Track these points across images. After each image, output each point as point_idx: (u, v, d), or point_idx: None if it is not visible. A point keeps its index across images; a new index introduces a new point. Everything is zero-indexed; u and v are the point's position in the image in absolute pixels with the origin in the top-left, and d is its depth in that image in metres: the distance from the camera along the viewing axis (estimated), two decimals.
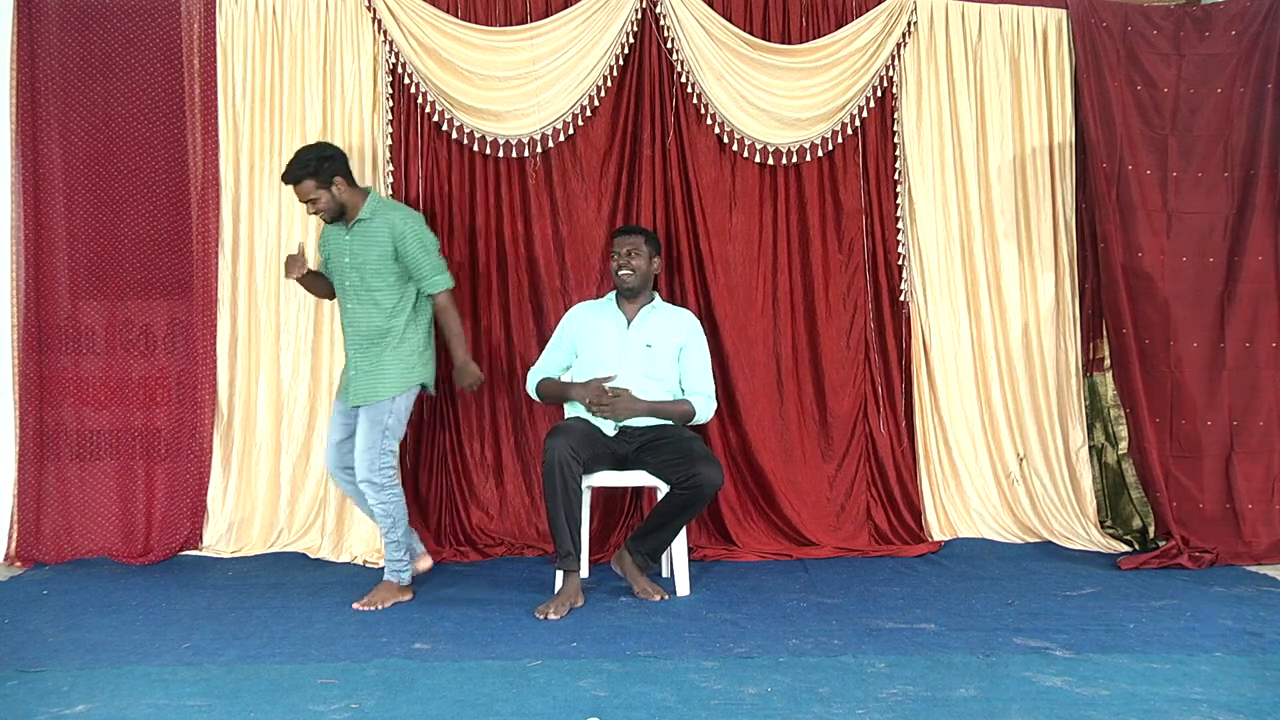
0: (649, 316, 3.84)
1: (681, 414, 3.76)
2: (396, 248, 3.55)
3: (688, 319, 3.90)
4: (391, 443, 3.58)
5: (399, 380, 3.58)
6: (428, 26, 4.17)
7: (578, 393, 3.72)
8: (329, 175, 3.52)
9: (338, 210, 3.57)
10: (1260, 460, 4.36)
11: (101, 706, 2.58)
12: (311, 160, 3.51)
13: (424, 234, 3.61)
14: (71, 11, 4.14)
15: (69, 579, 3.88)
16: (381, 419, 3.55)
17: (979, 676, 2.78)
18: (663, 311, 3.88)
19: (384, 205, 3.64)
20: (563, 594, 3.45)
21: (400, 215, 3.59)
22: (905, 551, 4.27)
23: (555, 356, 3.91)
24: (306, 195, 3.53)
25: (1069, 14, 4.49)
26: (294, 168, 3.52)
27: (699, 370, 3.84)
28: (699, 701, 2.58)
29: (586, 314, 3.91)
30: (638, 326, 3.81)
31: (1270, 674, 2.83)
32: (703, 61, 4.29)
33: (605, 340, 3.80)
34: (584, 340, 3.85)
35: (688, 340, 3.84)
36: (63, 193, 4.15)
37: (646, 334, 3.79)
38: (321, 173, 3.51)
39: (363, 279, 3.58)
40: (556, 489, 3.44)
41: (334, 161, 3.54)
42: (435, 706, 2.55)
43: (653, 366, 3.76)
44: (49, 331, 4.15)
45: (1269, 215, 4.44)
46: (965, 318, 4.50)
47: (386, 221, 3.56)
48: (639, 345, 3.77)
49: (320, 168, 3.50)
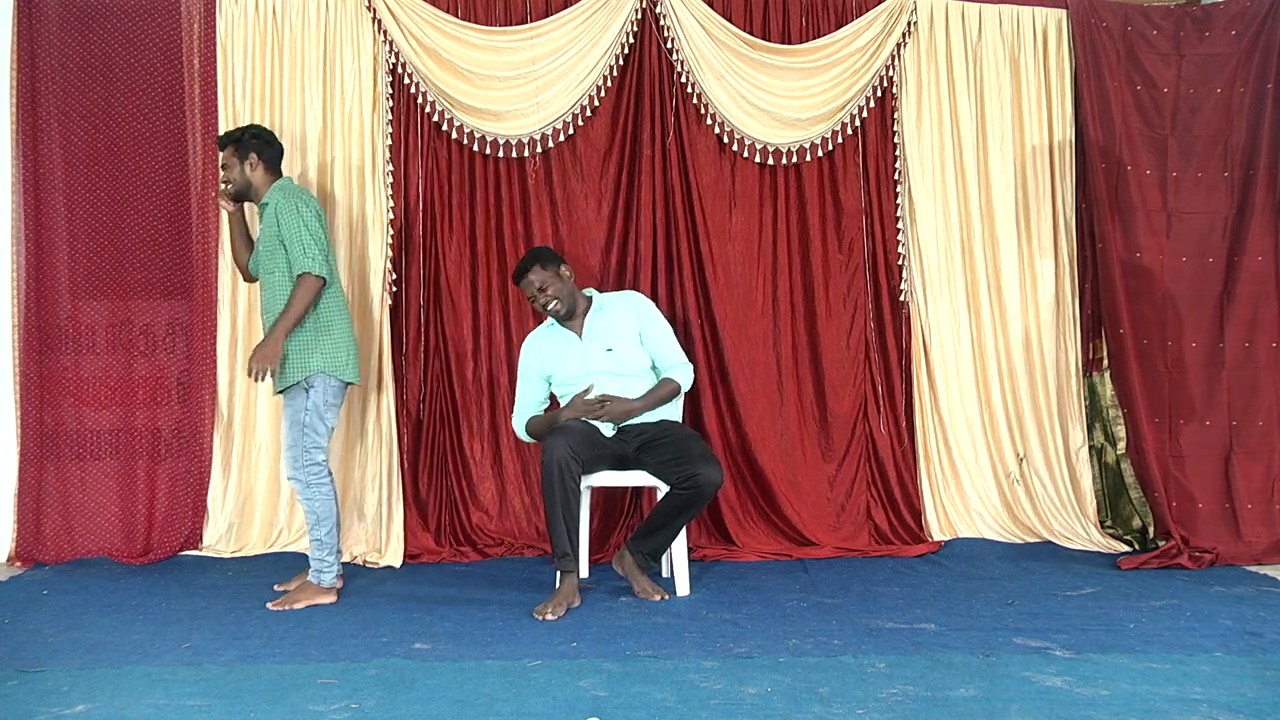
0: (596, 321, 3.79)
1: (670, 394, 3.77)
2: (279, 226, 3.53)
3: (630, 301, 3.85)
4: (314, 438, 3.54)
5: (300, 365, 3.52)
6: (428, 26, 4.17)
7: (566, 415, 3.69)
8: (248, 150, 3.63)
9: (244, 186, 3.66)
10: (1260, 460, 4.36)
11: (101, 706, 2.57)
12: (241, 133, 3.68)
13: (298, 213, 3.51)
14: (71, 11, 4.14)
15: (69, 579, 3.87)
16: (298, 415, 3.54)
17: (979, 676, 2.77)
18: (607, 307, 3.83)
19: (278, 188, 3.61)
20: (560, 594, 3.45)
21: (284, 194, 3.56)
22: (905, 551, 4.27)
23: (530, 393, 3.87)
24: (224, 161, 3.67)
25: (1069, 14, 4.49)
26: (224, 134, 3.73)
27: (665, 344, 3.81)
28: (699, 701, 2.58)
29: (540, 343, 3.87)
30: (591, 336, 3.77)
31: (1270, 674, 2.83)
32: (703, 61, 4.29)
33: (568, 361, 3.78)
34: (548, 367, 3.82)
35: (641, 321, 3.80)
36: (63, 193, 4.15)
37: (602, 339, 3.76)
38: (244, 145, 3.64)
39: (263, 263, 3.61)
40: (555, 489, 3.43)
41: (260, 141, 3.66)
42: (435, 706, 2.55)
43: (622, 365, 3.74)
44: (49, 331, 4.14)
45: (1269, 215, 4.44)
46: (965, 318, 4.50)
47: (274, 201, 3.57)
48: (600, 353, 3.74)
49: (244, 140, 3.64)
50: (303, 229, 3.49)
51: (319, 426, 3.56)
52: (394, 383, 4.22)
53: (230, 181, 3.66)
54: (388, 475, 4.19)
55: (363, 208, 4.19)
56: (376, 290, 4.19)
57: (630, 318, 3.80)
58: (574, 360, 3.77)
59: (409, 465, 4.26)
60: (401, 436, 4.23)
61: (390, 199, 4.22)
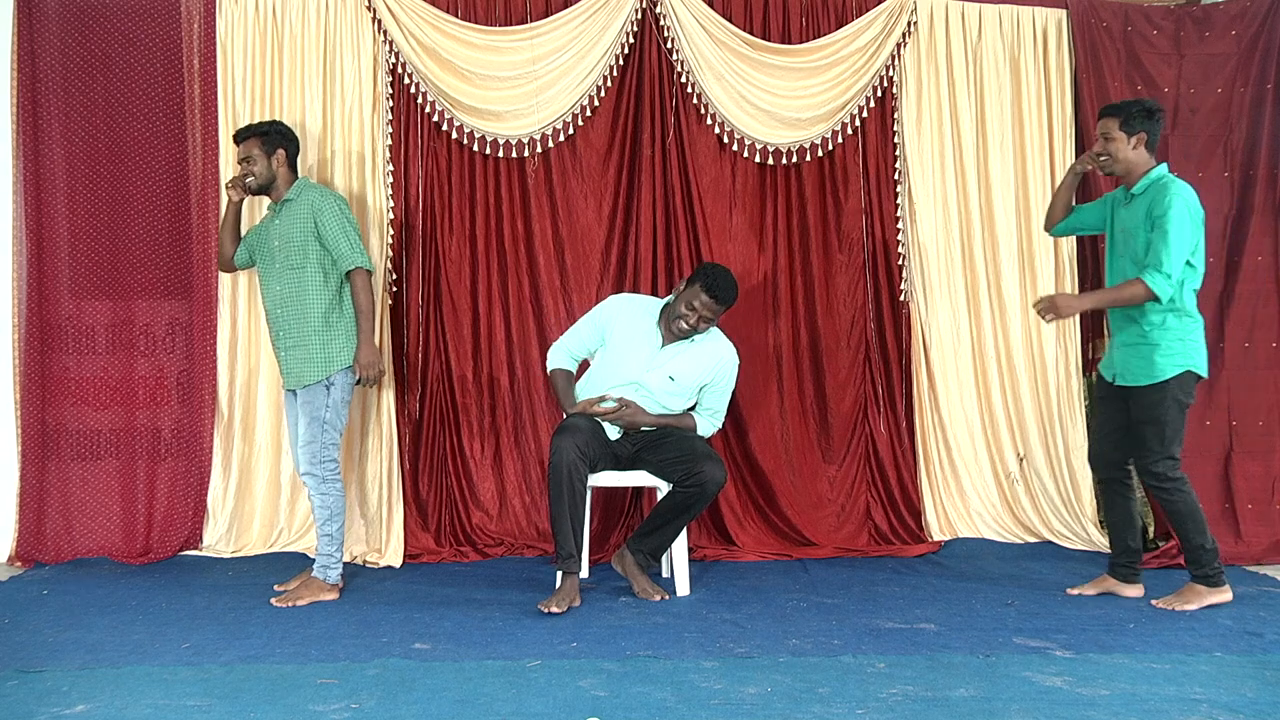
0: (685, 347, 3.70)
1: (685, 426, 3.74)
2: (316, 224, 3.60)
3: (722, 357, 3.73)
4: (333, 435, 3.61)
5: (325, 362, 3.59)
6: (428, 26, 4.17)
7: (576, 409, 3.65)
8: (274, 144, 3.67)
9: (268, 180, 3.69)
10: (1259, 460, 4.37)
11: (101, 706, 2.57)
12: (268, 127, 3.72)
13: (342, 212, 3.64)
14: (71, 12, 4.14)
15: (69, 579, 3.87)
16: (319, 413, 3.58)
17: (979, 676, 2.78)
18: (702, 344, 3.73)
19: (309, 186, 3.71)
20: (561, 593, 3.45)
21: (320, 193, 3.66)
22: (905, 551, 4.27)
23: (583, 337, 3.77)
24: (247, 153, 3.68)
25: (1069, 14, 4.49)
26: (248, 127, 3.74)
27: (717, 400, 3.77)
28: (699, 701, 2.58)
29: (626, 312, 3.74)
30: (669, 354, 3.69)
31: (1270, 674, 2.83)
32: (703, 61, 4.29)
33: (633, 351, 3.69)
34: (614, 337, 3.72)
35: (715, 379, 3.73)
36: (64, 193, 4.15)
37: (675, 364, 3.68)
38: (270, 139, 3.67)
39: (288, 259, 3.63)
40: (563, 490, 3.42)
41: (285, 138, 3.71)
42: (435, 706, 2.55)
43: (668, 397, 3.70)
44: (51, 331, 4.14)
45: (1269, 215, 4.44)
46: (965, 318, 4.50)
47: (308, 200, 3.63)
48: (660, 374, 3.68)
49: (271, 134, 3.69)
50: (348, 227, 3.63)
51: (337, 423, 3.63)
52: (394, 383, 4.22)
53: (254, 175, 3.68)
54: (388, 475, 4.19)
55: (363, 207, 4.19)
56: (377, 290, 4.18)
57: (710, 367, 3.72)
58: (639, 354, 3.67)
59: (409, 465, 4.26)
60: (401, 436, 4.23)
61: (390, 199, 4.22)
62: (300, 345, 3.61)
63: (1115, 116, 3.52)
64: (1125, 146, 3.50)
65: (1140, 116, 3.49)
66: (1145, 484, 3.61)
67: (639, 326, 3.72)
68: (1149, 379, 3.46)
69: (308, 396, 3.61)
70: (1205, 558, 3.51)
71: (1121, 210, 3.57)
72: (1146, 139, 3.50)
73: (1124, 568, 3.66)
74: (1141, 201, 3.47)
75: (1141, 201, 3.47)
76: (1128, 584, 3.65)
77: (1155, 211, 3.39)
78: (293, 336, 3.63)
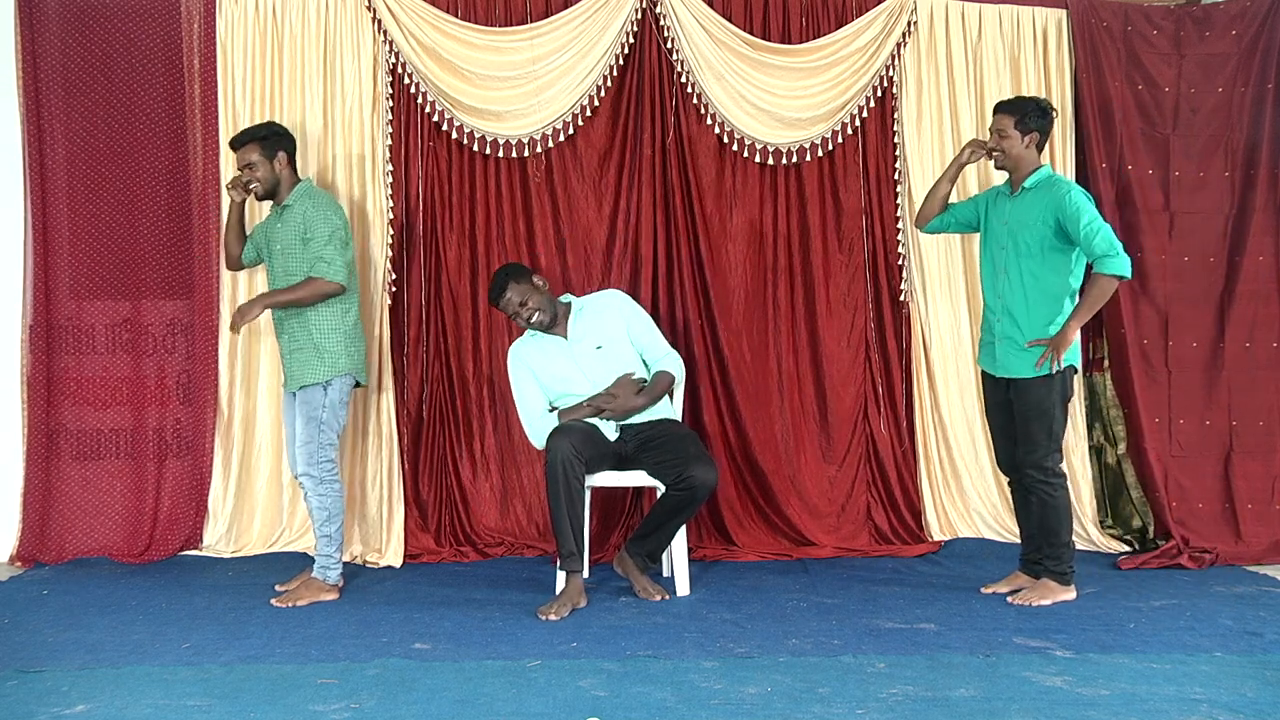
0: (580, 322, 3.78)
1: (667, 385, 3.77)
2: (307, 236, 3.60)
3: (613, 299, 3.85)
4: (329, 435, 3.62)
5: (323, 365, 3.60)
6: (428, 26, 4.17)
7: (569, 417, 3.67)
8: (274, 148, 3.66)
9: (272, 184, 3.68)
10: (1259, 460, 4.37)
11: (101, 706, 2.58)
12: (263, 129, 3.70)
13: (329, 222, 3.60)
14: (71, 13, 4.14)
15: (69, 579, 3.88)
16: (315, 413, 3.59)
17: (979, 676, 2.78)
18: (589, 308, 3.82)
19: (308, 193, 3.70)
20: (565, 595, 3.45)
21: (314, 202, 3.65)
22: (905, 551, 4.27)
23: (532, 398, 3.77)
24: (247, 159, 3.66)
25: (1069, 14, 4.49)
26: (245, 132, 3.72)
27: (651, 337, 3.82)
28: (699, 701, 2.58)
29: (527, 350, 3.80)
30: (577, 337, 3.76)
31: (1270, 674, 2.83)
32: (703, 61, 4.29)
33: (558, 364, 3.75)
34: (543, 375, 3.77)
35: (626, 317, 3.80)
36: (66, 194, 4.15)
37: (590, 338, 3.75)
38: (270, 143, 3.66)
39: (286, 265, 3.64)
40: (560, 489, 3.43)
41: (283, 139, 3.70)
42: (435, 706, 2.55)
43: (614, 363, 3.73)
44: (56, 332, 4.15)
45: (1270, 215, 4.44)
46: (965, 318, 4.50)
47: (302, 210, 3.63)
48: (589, 352, 3.74)
49: (270, 137, 3.67)
50: (334, 241, 3.60)
51: (334, 424, 3.64)
52: (394, 383, 4.22)
53: (258, 181, 3.67)
54: (388, 475, 4.19)
55: (363, 207, 4.19)
56: (377, 290, 4.19)
57: (615, 315, 3.80)
58: (563, 362, 3.75)
59: (409, 465, 4.26)
60: (401, 436, 4.23)
61: (390, 198, 4.22)
62: (301, 349, 3.62)
63: (1011, 114, 3.57)
64: (1019, 144, 3.55)
65: (1035, 115, 3.55)
66: (1026, 480, 3.58)
67: (543, 349, 3.78)
68: (1035, 371, 3.47)
69: (305, 397, 3.61)
70: (1068, 555, 3.56)
71: (1006, 204, 3.62)
72: (1038, 139, 3.57)
73: (1036, 564, 3.65)
74: (1035, 196, 3.53)
75: (1035, 196, 3.53)
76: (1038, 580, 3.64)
77: (1062, 207, 3.42)
78: (295, 340, 3.64)
